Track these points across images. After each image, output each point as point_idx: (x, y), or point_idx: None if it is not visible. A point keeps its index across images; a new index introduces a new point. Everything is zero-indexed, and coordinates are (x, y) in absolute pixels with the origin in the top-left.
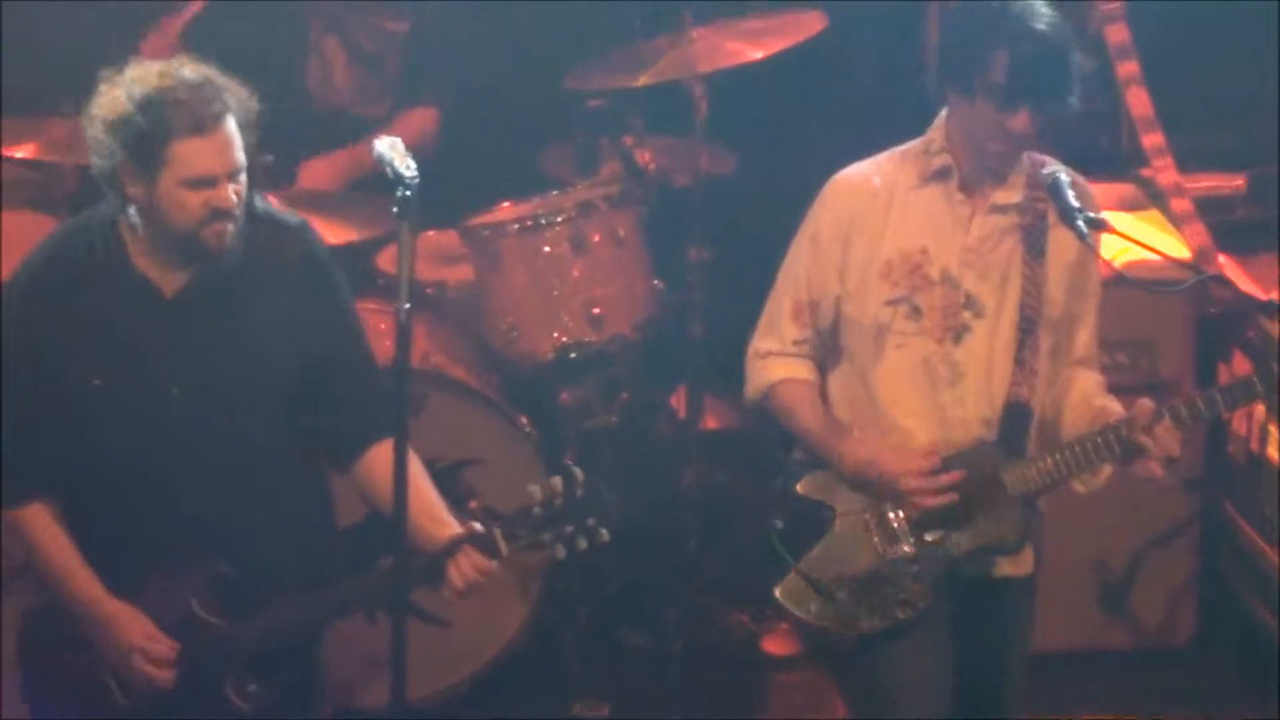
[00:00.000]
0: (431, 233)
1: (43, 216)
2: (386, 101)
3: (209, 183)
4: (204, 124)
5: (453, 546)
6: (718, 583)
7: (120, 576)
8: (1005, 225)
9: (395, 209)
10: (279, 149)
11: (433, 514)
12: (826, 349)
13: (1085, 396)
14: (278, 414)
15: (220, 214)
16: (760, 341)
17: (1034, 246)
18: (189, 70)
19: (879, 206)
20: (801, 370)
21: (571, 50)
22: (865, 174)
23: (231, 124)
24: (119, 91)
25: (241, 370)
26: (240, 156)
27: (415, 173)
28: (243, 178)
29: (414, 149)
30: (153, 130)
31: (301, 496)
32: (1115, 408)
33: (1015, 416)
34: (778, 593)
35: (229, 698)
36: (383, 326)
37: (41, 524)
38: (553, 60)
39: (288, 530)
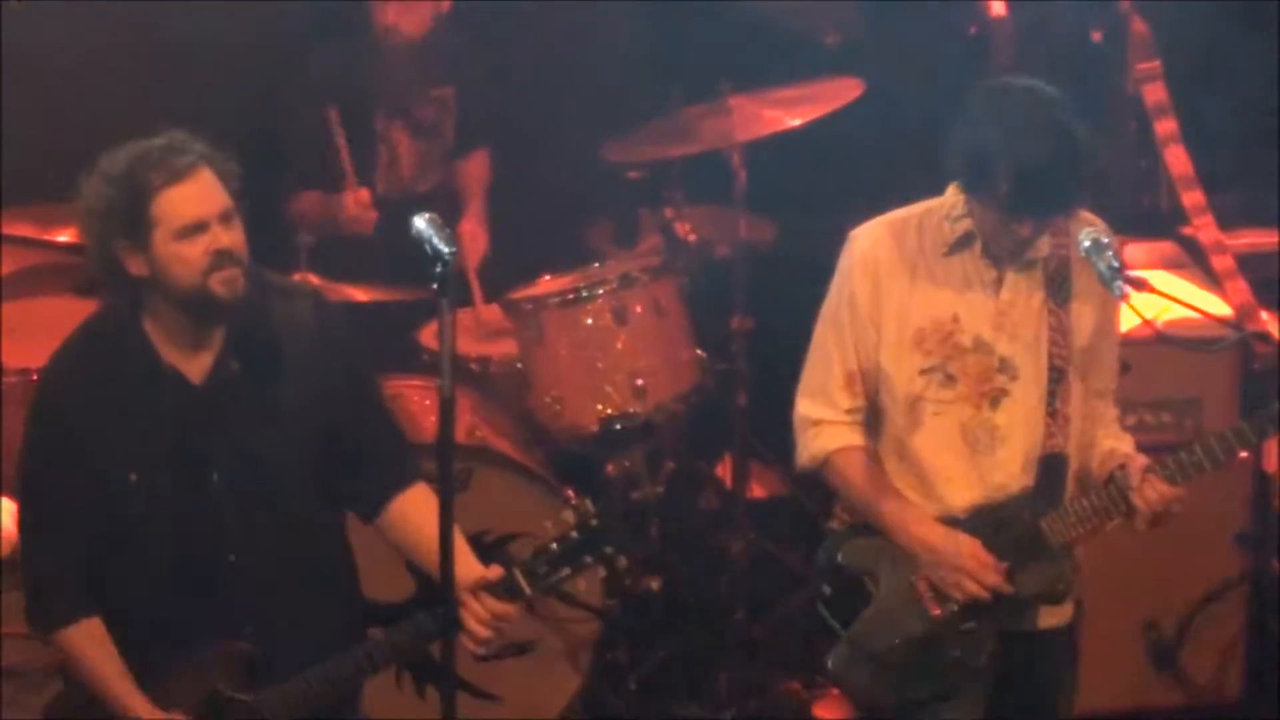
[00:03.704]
0: (473, 308)
1: (87, 302)
2: (441, 170)
3: (201, 228)
4: (179, 173)
5: (469, 592)
6: (768, 651)
7: (146, 661)
8: (1032, 281)
9: (435, 285)
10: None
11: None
12: (872, 414)
13: (1100, 436)
14: (309, 480)
15: (222, 257)
16: (810, 408)
17: (1059, 292)
18: (156, 138)
19: (904, 272)
20: (855, 438)
21: (609, 122)
22: (886, 234)
23: (209, 172)
24: (95, 178)
25: (275, 444)
26: (225, 198)
27: (454, 248)
28: (237, 223)
29: (485, 194)
30: (132, 195)
31: (330, 561)
32: (1123, 447)
33: (1051, 467)
34: (830, 664)
35: None
36: (427, 402)
37: (93, 640)
38: (591, 132)
39: (318, 599)
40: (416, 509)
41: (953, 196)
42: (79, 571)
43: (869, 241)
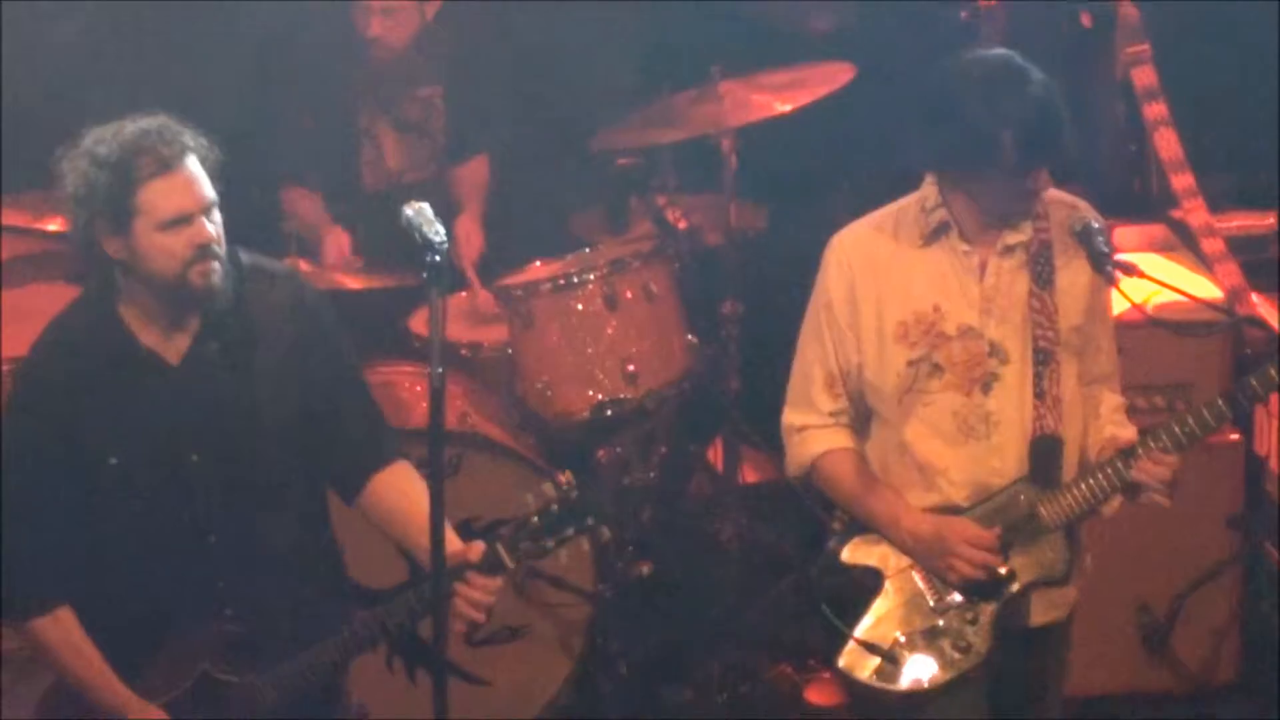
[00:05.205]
0: (464, 293)
1: (77, 289)
2: (433, 165)
3: (185, 220)
4: (167, 164)
5: (455, 573)
6: (759, 635)
7: (131, 646)
8: (1017, 264)
9: (425, 274)
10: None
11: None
12: (859, 415)
13: (1099, 424)
14: (289, 460)
15: (203, 250)
16: (794, 415)
17: (1041, 276)
18: (144, 120)
19: (881, 270)
20: (842, 439)
21: (600, 108)
22: (864, 236)
23: (194, 161)
24: (80, 158)
25: (253, 424)
26: (209, 191)
27: (444, 238)
28: (217, 215)
29: (482, 198)
30: (118, 182)
31: (313, 542)
32: (1124, 434)
33: (1044, 449)
34: (840, 663)
35: None
36: (418, 389)
37: (65, 631)
38: (582, 119)
39: (300, 579)
40: (394, 487)
41: (927, 189)
42: (54, 561)
43: (843, 246)
